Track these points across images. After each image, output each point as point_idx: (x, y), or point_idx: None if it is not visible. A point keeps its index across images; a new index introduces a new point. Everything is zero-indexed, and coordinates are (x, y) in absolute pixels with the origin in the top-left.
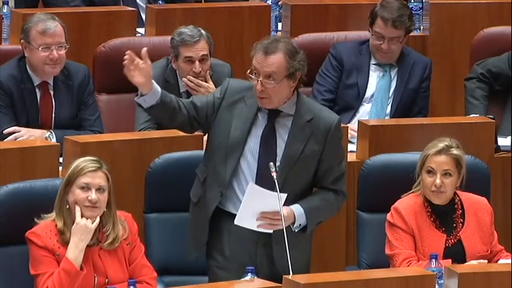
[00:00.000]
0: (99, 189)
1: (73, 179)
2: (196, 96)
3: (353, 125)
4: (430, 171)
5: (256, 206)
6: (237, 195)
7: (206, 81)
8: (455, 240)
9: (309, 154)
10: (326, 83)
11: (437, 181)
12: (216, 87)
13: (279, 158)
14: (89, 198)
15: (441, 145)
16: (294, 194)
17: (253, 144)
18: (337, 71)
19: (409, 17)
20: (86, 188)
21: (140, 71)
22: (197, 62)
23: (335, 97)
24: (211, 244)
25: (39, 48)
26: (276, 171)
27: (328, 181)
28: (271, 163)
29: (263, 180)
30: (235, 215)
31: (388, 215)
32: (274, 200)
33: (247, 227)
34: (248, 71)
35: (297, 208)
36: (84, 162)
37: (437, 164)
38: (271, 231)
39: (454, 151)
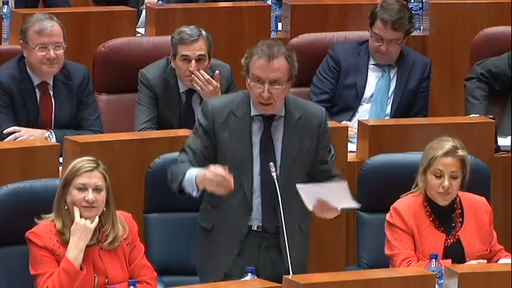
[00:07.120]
0: (96, 189)
1: (70, 180)
2: (190, 144)
3: (353, 125)
4: (437, 173)
5: (322, 193)
6: (250, 205)
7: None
8: (454, 240)
9: (306, 151)
10: (322, 85)
11: (446, 183)
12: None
13: (278, 162)
14: (86, 198)
15: (447, 146)
16: (294, 192)
17: (254, 153)
18: (334, 73)
19: (409, 19)
20: (83, 188)
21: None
22: (193, 62)
23: (330, 98)
24: None
25: (36, 48)
26: (276, 171)
27: (328, 171)
28: (271, 163)
29: (266, 184)
30: None
31: (388, 215)
32: (339, 192)
33: (302, 198)
34: (249, 81)
35: None
36: (81, 162)
37: (445, 166)
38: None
39: (460, 152)
